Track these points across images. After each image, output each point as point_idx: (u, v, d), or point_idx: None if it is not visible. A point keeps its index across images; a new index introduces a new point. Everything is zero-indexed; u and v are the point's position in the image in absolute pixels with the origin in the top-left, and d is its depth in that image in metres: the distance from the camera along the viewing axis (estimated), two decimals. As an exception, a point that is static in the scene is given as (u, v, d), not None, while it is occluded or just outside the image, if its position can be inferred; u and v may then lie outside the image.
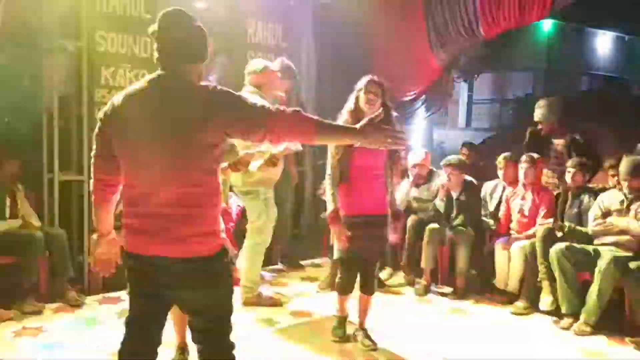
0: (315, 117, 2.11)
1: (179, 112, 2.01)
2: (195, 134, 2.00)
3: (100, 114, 2.15)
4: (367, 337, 3.65)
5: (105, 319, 3.95)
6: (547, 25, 14.92)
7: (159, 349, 2.23)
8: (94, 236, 2.26)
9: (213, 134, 2.03)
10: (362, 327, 3.70)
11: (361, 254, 3.51)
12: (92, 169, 2.21)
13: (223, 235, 2.18)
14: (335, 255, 3.64)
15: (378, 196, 3.52)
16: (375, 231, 3.51)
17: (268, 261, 5.01)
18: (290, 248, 5.46)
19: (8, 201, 4.20)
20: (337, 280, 3.68)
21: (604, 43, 17.48)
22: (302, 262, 5.48)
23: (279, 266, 5.35)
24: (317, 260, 5.60)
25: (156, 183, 2.02)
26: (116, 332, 2.23)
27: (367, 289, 3.64)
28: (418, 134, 7.03)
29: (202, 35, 2.12)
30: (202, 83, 2.11)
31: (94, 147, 2.19)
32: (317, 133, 2.11)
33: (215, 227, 2.12)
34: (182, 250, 2.03)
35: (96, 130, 2.17)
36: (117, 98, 2.12)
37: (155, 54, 2.10)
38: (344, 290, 3.62)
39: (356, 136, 2.13)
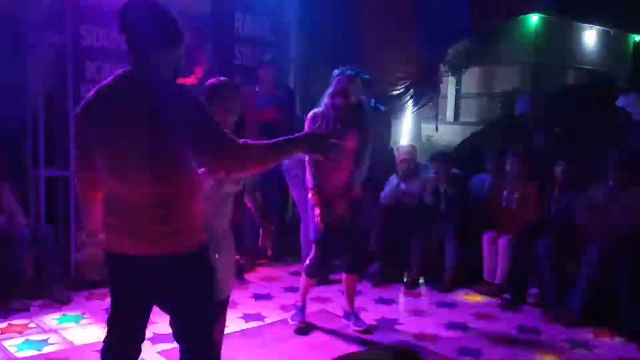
0: (261, 144, 2.04)
1: (149, 110, 1.94)
2: (164, 133, 1.94)
3: (77, 112, 2.08)
4: (359, 319, 3.67)
5: (93, 315, 3.93)
6: (534, 19, 15.01)
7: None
8: (84, 236, 2.23)
9: (176, 137, 1.97)
10: (351, 311, 3.70)
11: (339, 228, 3.51)
12: (76, 168, 2.21)
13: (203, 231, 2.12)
14: (312, 236, 3.64)
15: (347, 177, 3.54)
16: (353, 206, 3.54)
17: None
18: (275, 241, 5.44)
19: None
20: (307, 261, 3.64)
21: (590, 37, 17.62)
22: (290, 256, 5.47)
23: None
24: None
25: (130, 182, 1.99)
26: (103, 329, 2.22)
27: (351, 267, 3.62)
28: (406, 128, 7.03)
29: (172, 20, 2.00)
30: (179, 82, 2.05)
31: (75, 149, 2.18)
32: (267, 161, 2.08)
33: (192, 224, 2.07)
34: (158, 248, 2.01)
35: (74, 129, 2.18)
36: (89, 95, 2.05)
37: (126, 45, 2.00)
38: (314, 272, 3.62)
39: (301, 146, 2.10)
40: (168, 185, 1.99)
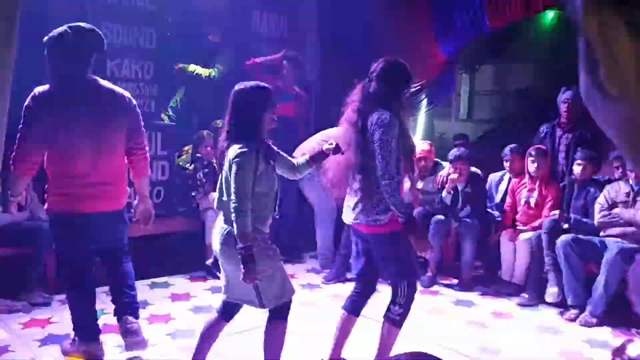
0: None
1: (108, 109, 2.91)
2: (119, 126, 2.97)
3: (31, 106, 2.80)
4: None
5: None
6: (550, 16, 14.89)
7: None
8: (11, 198, 3.00)
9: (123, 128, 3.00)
10: None
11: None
12: (19, 150, 2.80)
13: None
14: (411, 278, 2.89)
15: None
16: None
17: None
18: (292, 240, 5.46)
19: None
20: (402, 311, 2.92)
21: (606, 34, 17.48)
22: (306, 254, 5.49)
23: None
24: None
25: (93, 161, 2.86)
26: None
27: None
28: (419, 126, 7.02)
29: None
30: (119, 89, 3.04)
31: (26, 134, 2.79)
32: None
33: (125, 189, 3.12)
34: (115, 204, 3.03)
35: (27, 119, 2.79)
36: (43, 94, 2.82)
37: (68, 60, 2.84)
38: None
39: None
40: (117, 162, 2.99)
